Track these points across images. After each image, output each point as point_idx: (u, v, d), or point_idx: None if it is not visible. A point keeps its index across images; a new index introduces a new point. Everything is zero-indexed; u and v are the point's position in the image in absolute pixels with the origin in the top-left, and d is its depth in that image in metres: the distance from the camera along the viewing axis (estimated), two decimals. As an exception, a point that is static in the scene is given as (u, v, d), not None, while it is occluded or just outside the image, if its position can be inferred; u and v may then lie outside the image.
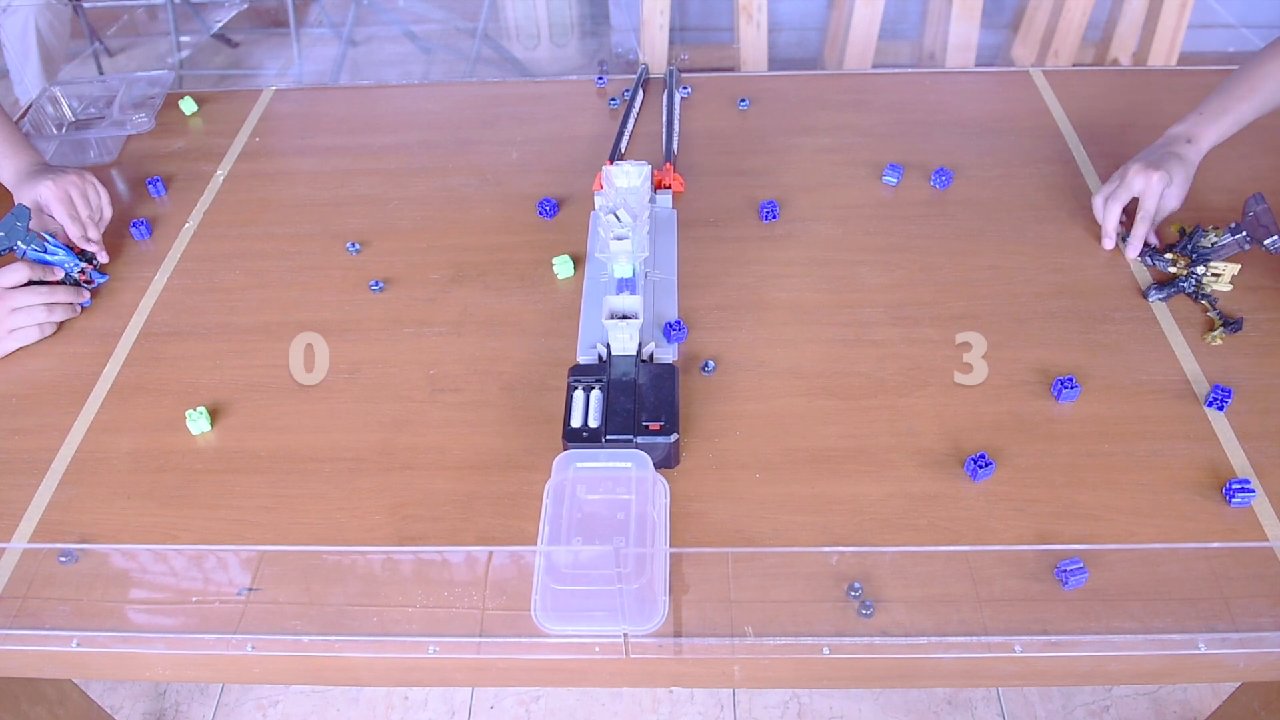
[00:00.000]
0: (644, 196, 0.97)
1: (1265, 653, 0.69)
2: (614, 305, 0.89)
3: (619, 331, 0.87)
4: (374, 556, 0.77)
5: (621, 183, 0.99)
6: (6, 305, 0.96)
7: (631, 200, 0.95)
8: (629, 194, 0.97)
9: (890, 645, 0.70)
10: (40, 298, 0.97)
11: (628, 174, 0.99)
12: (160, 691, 1.40)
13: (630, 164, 1.00)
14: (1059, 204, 1.09)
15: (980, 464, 0.79)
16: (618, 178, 0.99)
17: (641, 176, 0.99)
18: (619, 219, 0.90)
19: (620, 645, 0.70)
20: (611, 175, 0.99)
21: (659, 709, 1.36)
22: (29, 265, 0.98)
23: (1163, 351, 0.91)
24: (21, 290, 0.97)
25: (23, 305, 0.96)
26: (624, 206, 0.91)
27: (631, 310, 0.88)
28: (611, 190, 0.96)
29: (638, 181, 0.99)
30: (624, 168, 0.99)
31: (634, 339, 0.88)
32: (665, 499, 0.79)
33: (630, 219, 0.90)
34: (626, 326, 0.87)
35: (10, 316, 0.96)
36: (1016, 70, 1.34)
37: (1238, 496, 0.76)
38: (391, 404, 0.89)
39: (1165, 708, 1.34)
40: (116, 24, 2.88)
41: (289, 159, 1.24)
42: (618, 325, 0.87)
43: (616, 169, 0.99)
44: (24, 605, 0.75)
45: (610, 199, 0.94)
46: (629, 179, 0.99)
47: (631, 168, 0.99)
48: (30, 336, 0.97)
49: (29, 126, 1.24)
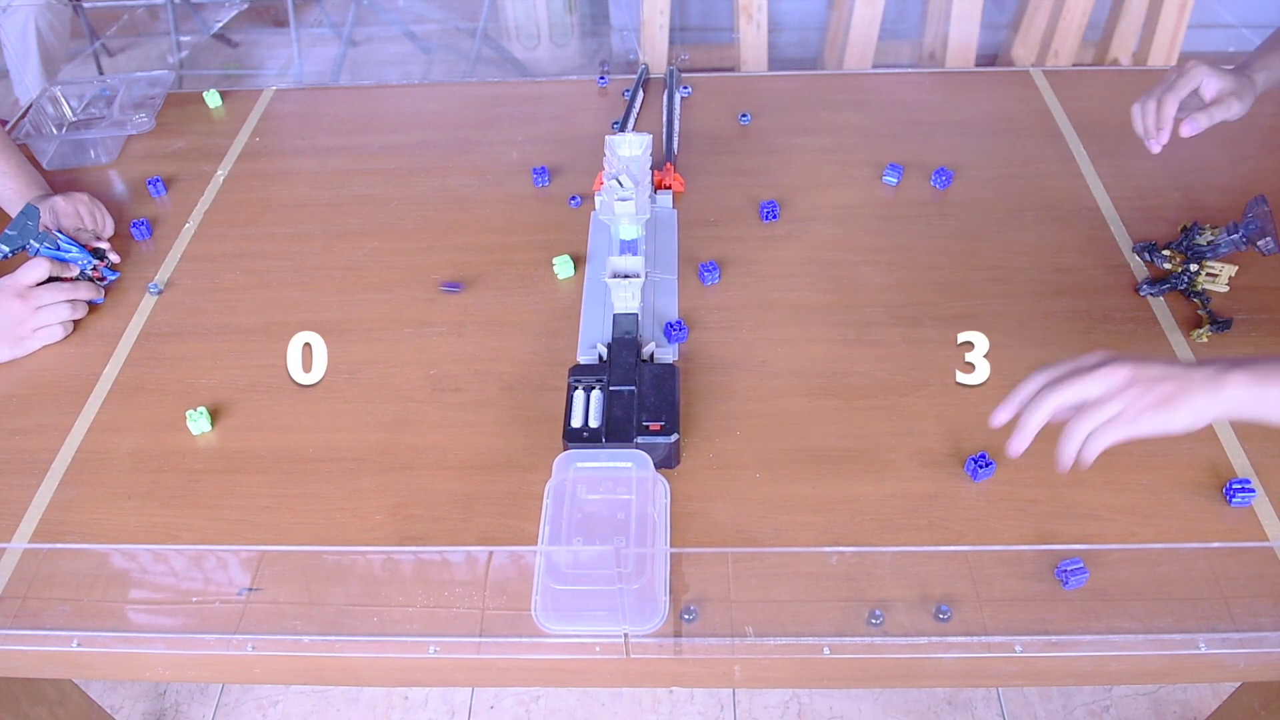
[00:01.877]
0: (645, 164, 1.01)
1: (1265, 653, 0.69)
2: (616, 265, 0.92)
3: (621, 290, 0.90)
4: (374, 556, 0.77)
5: (624, 152, 1.03)
6: (31, 304, 0.95)
7: (633, 168, 0.98)
8: (631, 162, 1.01)
9: (890, 645, 0.70)
10: (64, 294, 0.97)
11: (630, 143, 1.03)
12: (160, 691, 1.40)
13: (633, 134, 1.04)
14: (1059, 204, 1.09)
15: (981, 464, 0.79)
16: (620, 147, 1.03)
17: (643, 146, 1.03)
18: (621, 184, 0.92)
19: (620, 645, 0.70)
20: (614, 144, 1.02)
21: (659, 709, 1.36)
22: (49, 262, 0.97)
23: (1163, 351, 0.91)
24: (45, 288, 0.96)
25: (47, 303, 0.96)
26: (626, 173, 0.93)
27: (633, 270, 0.90)
28: (614, 158, 1.00)
29: (639, 151, 1.03)
30: (626, 137, 1.03)
31: (636, 297, 0.91)
32: (665, 499, 0.79)
33: (632, 184, 0.92)
34: (629, 285, 0.90)
35: (35, 315, 0.95)
36: (1016, 70, 1.34)
37: (1238, 496, 0.76)
38: (392, 404, 0.89)
39: (1165, 708, 1.34)
40: (116, 24, 2.88)
41: (289, 159, 1.24)
42: (620, 284, 0.90)
43: (619, 138, 1.03)
44: (24, 605, 0.75)
45: (614, 166, 0.97)
46: (631, 148, 1.03)
47: (634, 137, 1.03)
48: (55, 335, 0.97)
49: (29, 126, 1.24)
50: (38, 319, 0.95)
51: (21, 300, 0.94)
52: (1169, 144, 0.91)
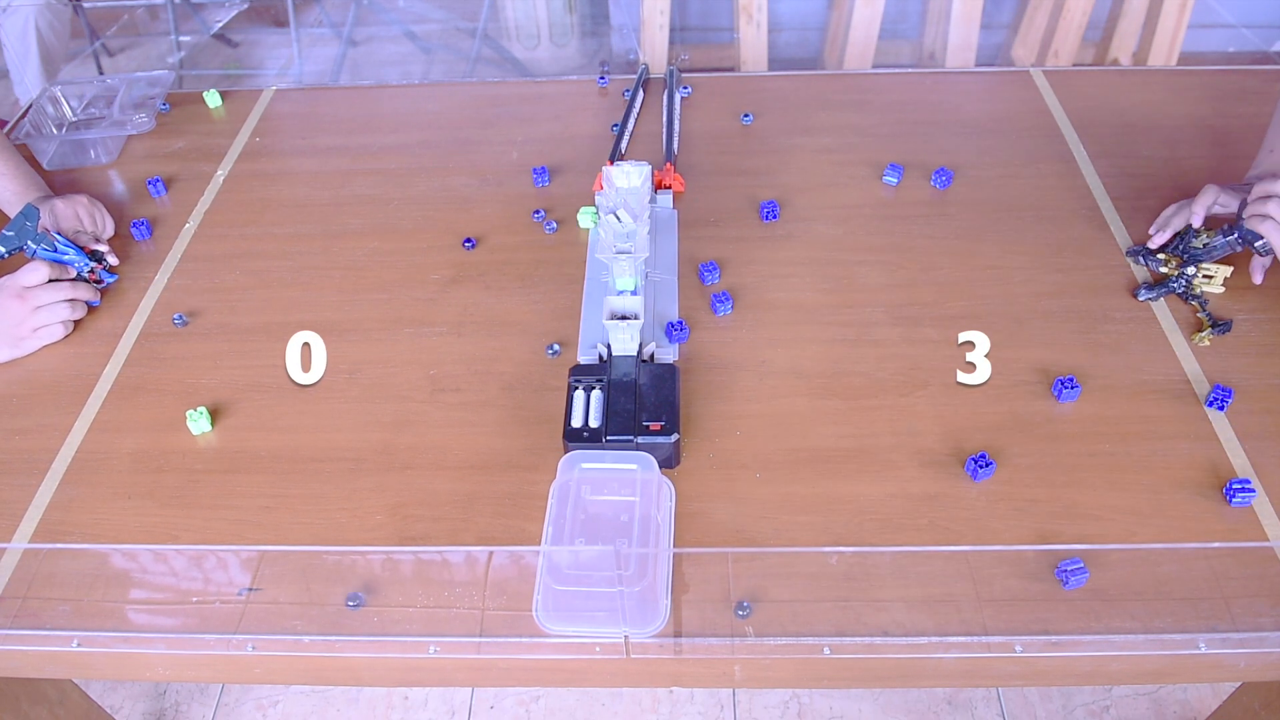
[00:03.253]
0: (644, 197, 0.97)
1: (1265, 653, 0.69)
2: (614, 306, 0.89)
3: (619, 332, 0.88)
4: (374, 556, 0.77)
5: (621, 183, 0.99)
6: (29, 304, 0.95)
7: (632, 200, 0.95)
8: (629, 194, 0.97)
9: (890, 645, 0.70)
10: (62, 294, 0.97)
11: (628, 174, 0.99)
12: (160, 691, 1.40)
13: (630, 164, 0.99)
14: (1059, 204, 1.09)
15: (981, 464, 0.79)
16: (618, 178, 0.99)
17: (641, 177, 0.99)
18: (619, 219, 0.90)
19: (621, 645, 0.70)
20: (611, 176, 0.99)
21: (659, 709, 1.36)
22: (47, 264, 0.97)
23: (1163, 351, 0.91)
24: (43, 288, 0.96)
25: (46, 303, 0.96)
26: (624, 207, 0.91)
27: (632, 311, 0.88)
28: (611, 190, 0.96)
29: (638, 182, 0.99)
30: (624, 168, 0.99)
31: (634, 339, 0.88)
32: (670, 502, 0.79)
33: (631, 220, 0.90)
34: (627, 327, 0.87)
35: (34, 315, 0.95)
36: (1016, 70, 1.34)
37: (1238, 496, 0.76)
38: (392, 404, 0.89)
39: (1165, 708, 1.34)
40: (116, 24, 2.88)
41: (289, 159, 1.24)
42: (618, 326, 0.87)
43: (616, 169, 0.99)
44: (24, 605, 0.75)
45: (610, 199, 0.94)
46: (629, 179, 0.99)
47: (631, 168, 0.99)
48: (55, 334, 0.97)
49: (29, 127, 1.24)
50: (37, 319, 0.95)
51: (20, 300, 0.95)
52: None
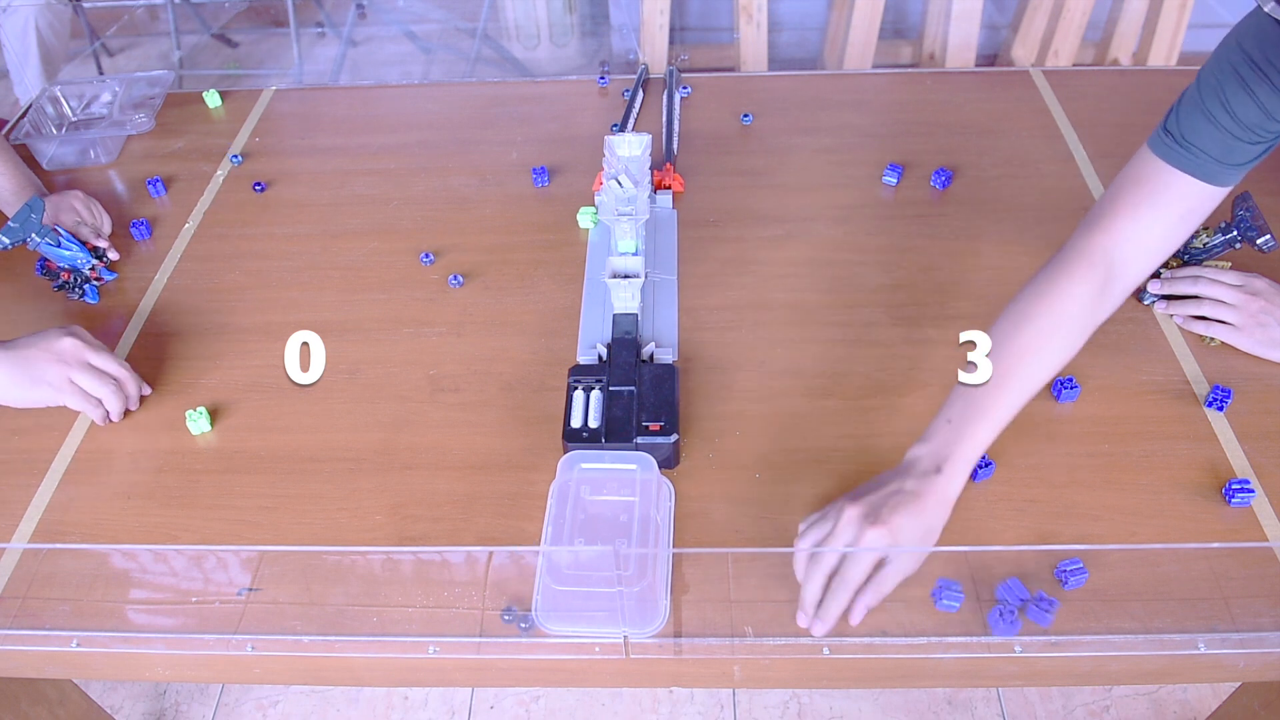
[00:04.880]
0: (645, 165, 1.01)
1: (1265, 653, 0.69)
2: (616, 265, 0.92)
3: (621, 290, 0.91)
4: (374, 556, 0.77)
5: (624, 152, 1.03)
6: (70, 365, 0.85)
7: (633, 168, 0.98)
8: (630, 162, 1.00)
9: (890, 645, 0.70)
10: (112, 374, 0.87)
11: (629, 143, 1.03)
12: (160, 691, 1.40)
13: (632, 134, 1.03)
14: (1059, 204, 1.09)
15: (980, 464, 0.79)
16: (620, 147, 1.03)
17: (642, 146, 1.03)
18: (621, 184, 0.92)
19: (620, 645, 0.70)
20: (614, 144, 1.02)
21: (659, 709, 1.36)
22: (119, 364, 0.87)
23: (1163, 352, 0.91)
24: (92, 370, 0.86)
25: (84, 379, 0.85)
26: (626, 173, 0.93)
27: (633, 270, 0.91)
28: (614, 159, 0.99)
29: (639, 151, 1.03)
30: (626, 137, 1.03)
31: (635, 298, 0.91)
32: (670, 502, 0.79)
33: (632, 185, 0.92)
34: (629, 285, 0.90)
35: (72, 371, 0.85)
36: (1016, 70, 1.34)
37: (1238, 497, 0.76)
38: (392, 404, 0.89)
39: (1165, 708, 1.34)
40: (116, 24, 2.88)
41: (289, 159, 1.24)
42: (620, 284, 0.90)
43: (619, 138, 1.03)
44: (24, 605, 0.75)
45: (613, 166, 0.97)
46: (630, 148, 1.03)
47: (633, 137, 1.03)
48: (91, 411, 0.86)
49: (29, 126, 1.24)
50: (74, 375, 0.85)
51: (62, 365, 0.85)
52: None
